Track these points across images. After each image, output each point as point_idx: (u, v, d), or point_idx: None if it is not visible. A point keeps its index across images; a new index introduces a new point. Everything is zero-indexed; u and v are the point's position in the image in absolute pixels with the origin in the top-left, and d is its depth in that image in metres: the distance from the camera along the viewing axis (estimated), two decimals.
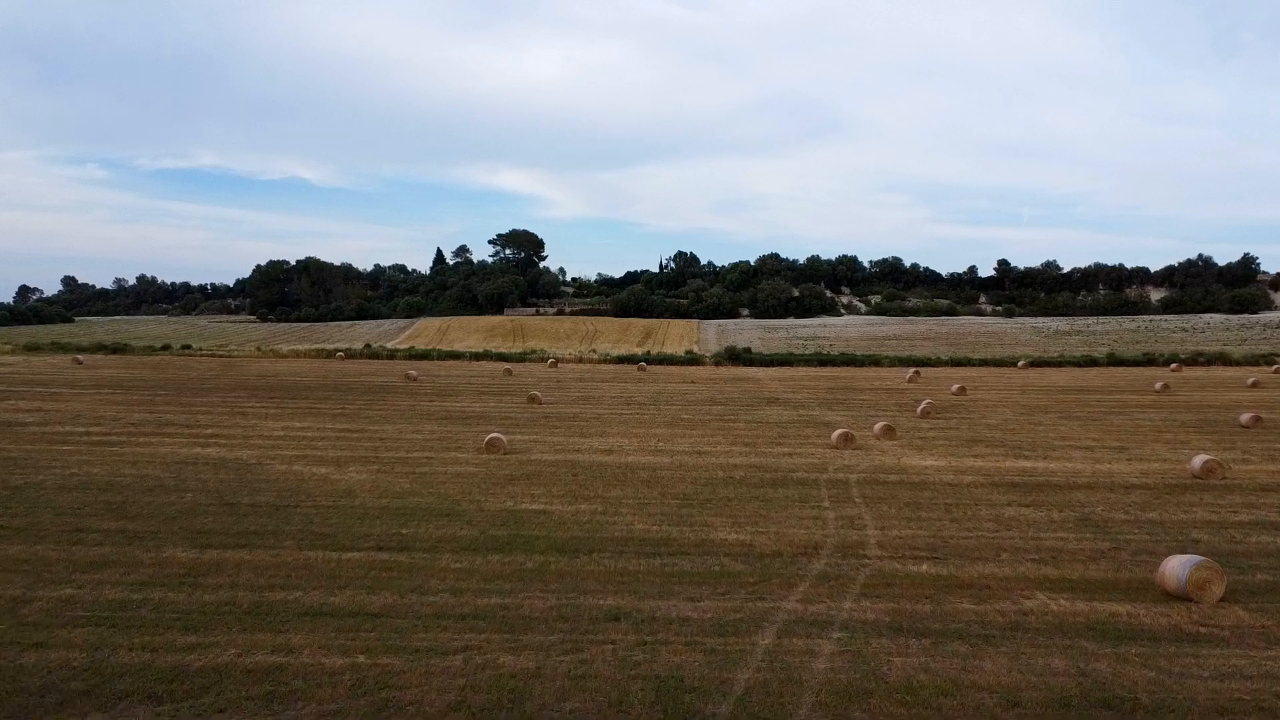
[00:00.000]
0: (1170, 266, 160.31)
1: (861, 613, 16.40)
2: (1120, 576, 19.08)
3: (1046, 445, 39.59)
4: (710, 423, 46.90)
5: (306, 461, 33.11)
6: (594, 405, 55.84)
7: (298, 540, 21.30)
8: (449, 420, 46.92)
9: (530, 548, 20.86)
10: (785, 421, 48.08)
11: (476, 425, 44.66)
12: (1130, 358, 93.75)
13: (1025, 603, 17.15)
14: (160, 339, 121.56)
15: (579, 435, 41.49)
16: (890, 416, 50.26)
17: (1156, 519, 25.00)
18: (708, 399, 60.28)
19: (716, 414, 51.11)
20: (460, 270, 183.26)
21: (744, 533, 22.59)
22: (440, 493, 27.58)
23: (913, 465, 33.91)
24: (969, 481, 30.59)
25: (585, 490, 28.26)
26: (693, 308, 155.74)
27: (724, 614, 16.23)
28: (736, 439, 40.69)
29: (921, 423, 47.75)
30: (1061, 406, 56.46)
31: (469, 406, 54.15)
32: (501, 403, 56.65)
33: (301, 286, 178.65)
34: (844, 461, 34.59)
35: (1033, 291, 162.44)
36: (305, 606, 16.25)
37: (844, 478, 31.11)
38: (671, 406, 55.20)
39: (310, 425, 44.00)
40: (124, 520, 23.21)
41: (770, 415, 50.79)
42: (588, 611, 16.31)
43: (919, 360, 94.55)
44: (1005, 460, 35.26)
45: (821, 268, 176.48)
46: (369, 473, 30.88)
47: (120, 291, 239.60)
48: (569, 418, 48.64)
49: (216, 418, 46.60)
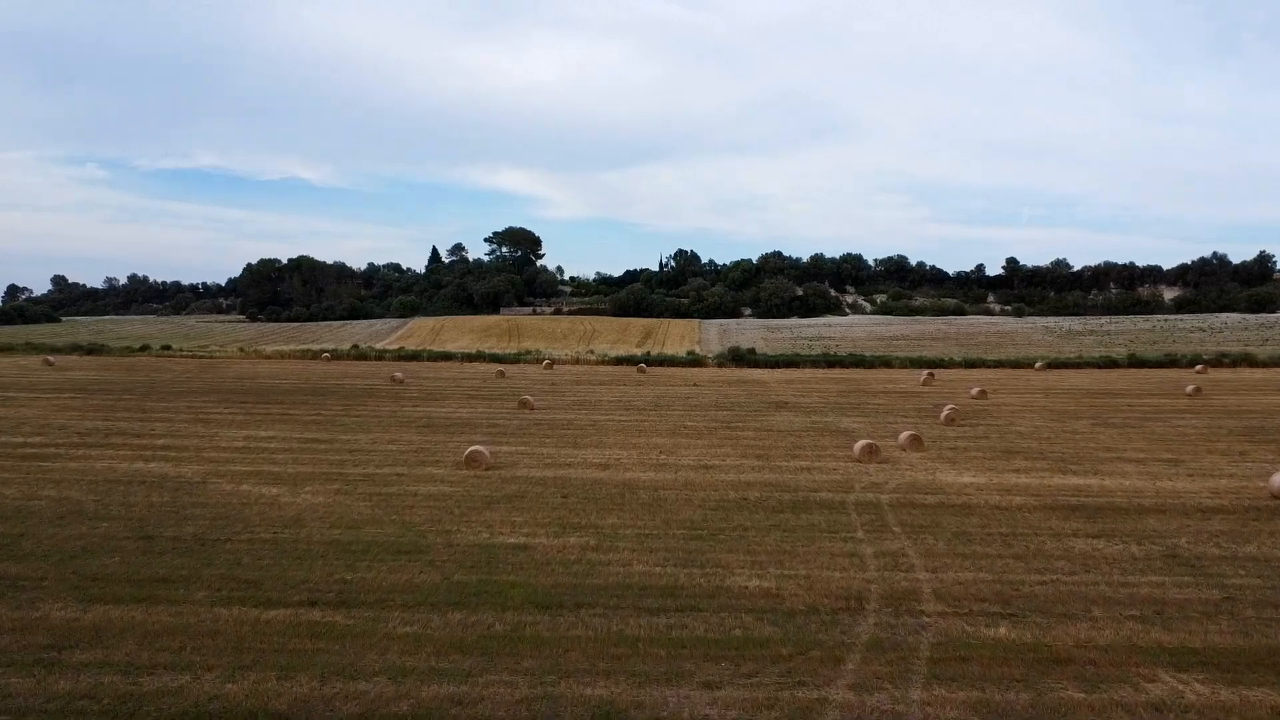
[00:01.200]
0: (1183, 265, 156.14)
1: (939, 708, 12.23)
2: (1255, 644, 14.93)
3: (1091, 457, 35.48)
4: (716, 431, 42.76)
5: (259, 480, 28.93)
6: (590, 410, 51.71)
7: (213, 590, 17.12)
8: (431, 428, 42.76)
9: (503, 601, 16.70)
10: (798, 429, 43.94)
11: (460, 434, 40.53)
12: (1151, 358, 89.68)
13: (1149, 687, 13.00)
14: (143, 339, 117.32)
15: (572, 446, 37.34)
16: (912, 424, 46.14)
17: (1256, 554, 20.86)
18: (712, 403, 56.16)
19: (722, 420, 46.97)
20: (455, 269, 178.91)
21: (768, 577, 18.41)
22: (404, 521, 23.39)
23: (950, 483, 29.77)
24: (1019, 504, 26.46)
25: (575, 517, 24.10)
26: (693, 307, 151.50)
27: (753, 711, 12.07)
28: (747, 450, 36.54)
29: (947, 431, 43.62)
30: (1092, 411, 52.36)
31: (455, 412, 49.99)
32: (490, 408, 52.49)
33: (293, 286, 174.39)
34: (871, 478, 30.46)
35: (1042, 290, 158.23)
36: (185, 705, 12.03)
37: (874, 499, 26.98)
38: (673, 412, 51.06)
39: (276, 434, 39.83)
40: (9, 561, 19.03)
41: (781, 422, 46.65)
42: (569, 707, 12.14)
43: (931, 361, 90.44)
44: (1052, 477, 31.13)
45: (825, 266, 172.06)
46: (327, 494, 26.71)
47: (110, 291, 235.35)
48: (562, 425, 44.50)
49: (175, 426, 42.44)
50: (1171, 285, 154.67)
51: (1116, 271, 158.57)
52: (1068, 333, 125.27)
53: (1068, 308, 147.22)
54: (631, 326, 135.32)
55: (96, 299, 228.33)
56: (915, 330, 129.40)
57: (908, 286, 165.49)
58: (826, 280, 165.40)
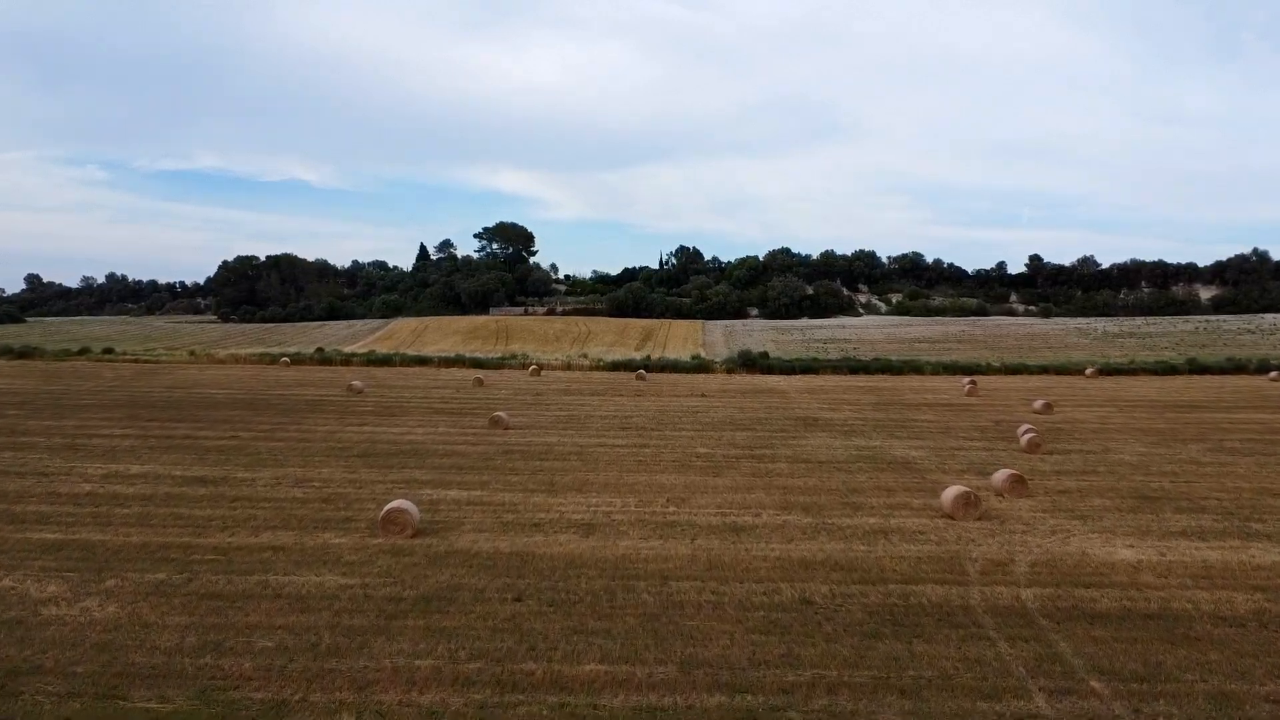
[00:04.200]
0: (1220, 262, 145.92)
1: None
2: None
3: (1263, 506, 25.59)
4: (739, 462, 32.74)
5: (45, 564, 18.84)
6: (577, 430, 41.69)
7: None
8: (367, 459, 32.71)
9: None
10: (843, 458, 33.93)
11: (401, 469, 30.51)
12: (1212, 364, 79.72)
13: None
14: (94, 341, 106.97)
15: (546, 489, 27.28)
16: (985, 449, 36.20)
17: None
18: (726, 420, 46.14)
19: (743, 446, 36.97)
20: (443, 267, 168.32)
21: None
22: (217, 680, 13.28)
23: (1107, 560, 19.79)
24: (1245, 608, 16.49)
25: (529, 654, 14.04)
26: (696, 307, 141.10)
27: None
28: (787, 496, 26.51)
29: (1036, 463, 33.64)
30: (1192, 431, 42.51)
31: (408, 434, 39.90)
32: (455, 427, 42.44)
33: (270, 284, 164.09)
34: (985, 550, 20.47)
35: (1068, 290, 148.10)
36: None
37: (1012, 598, 17.01)
38: (681, 433, 41.04)
39: (151, 471, 29.71)
40: None
41: (817, 447, 36.65)
42: None
43: (966, 367, 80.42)
44: (1247, 547, 21.17)
45: (836, 264, 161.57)
46: (131, 599, 16.59)
47: (85, 290, 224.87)
48: (539, 453, 34.48)
49: (32, 455, 32.35)
50: (1208, 284, 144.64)
51: (1148, 270, 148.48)
52: (1104, 334, 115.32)
53: (1096, 308, 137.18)
54: (630, 328, 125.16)
55: (70, 298, 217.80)
56: (938, 331, 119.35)
57: (924, 285, 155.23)
58: (838, 279, 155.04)
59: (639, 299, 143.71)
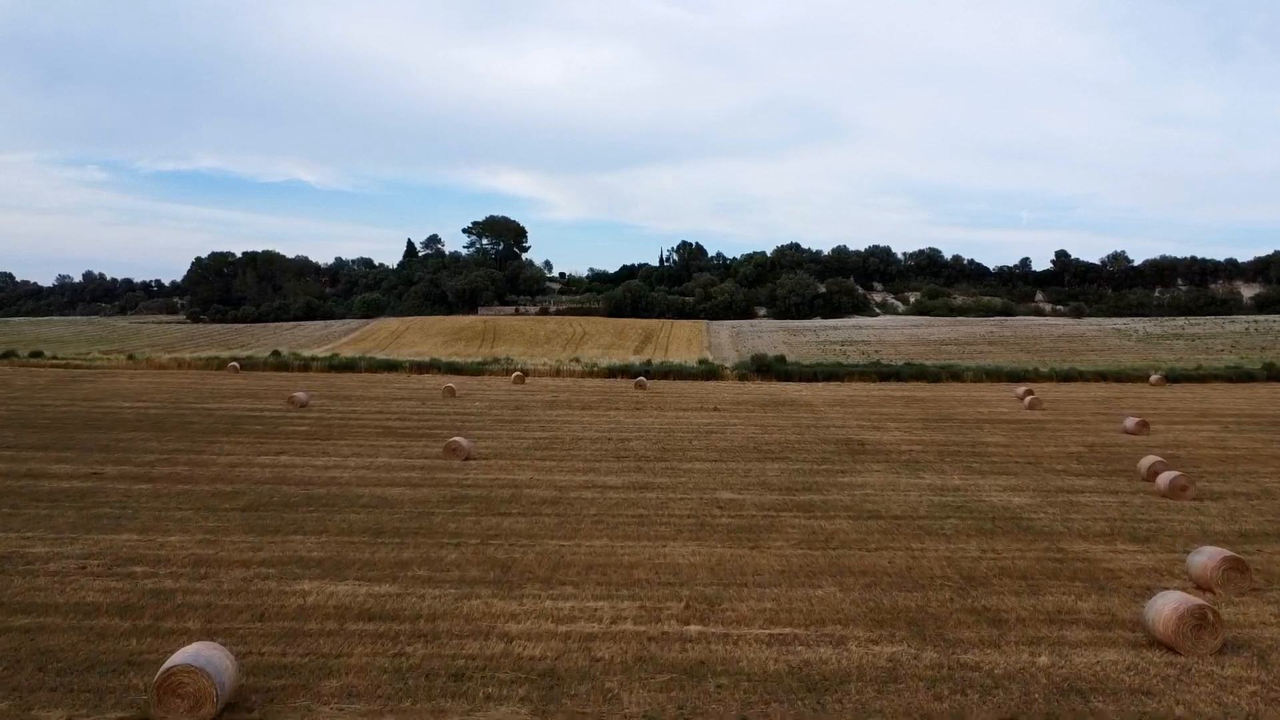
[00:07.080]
0: (1261, 258, 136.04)
1: None
2: None
3: None
4: (782, 519, 22.94)
5: None
6: (560, 460, 31.88)
7: None
8: (254, 512, 22.90)
9: None
10: (925, 512, 24.09)
11: (286, 536, 20.71)
12: None
13: None
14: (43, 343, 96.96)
15: (495, 579, 17.44)
16: (1114, 495, 26.23)
17: None
18: (750, 444, 36.36)
19: (780, 487, 27.16)
20: (429, 264, 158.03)
21: None
22: None
23: None
24: None
25: None
26: (700, 306, 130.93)
27: None
28: (873, 596, 16.70)
29: (1204, 518, 23.87)
30: None
31: (330, 469, 30.03)
32: (400, 456, 32.64)
33: (245, 282, 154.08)
34: None
35: (1098, 288, 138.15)
36: None
37: None
38: (693, 464, 31.24)
39: None
40: None
41: (882, 490, 26.82)
42: None
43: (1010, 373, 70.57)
44: None
45: (849, 260, 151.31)
46: None
47: (57, 289, 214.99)
48: (501, 501, 24.66)
49: None
50: (1249, 282, 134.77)
51: (1183, 266, 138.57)
52: (1146, 336, 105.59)
53: (1130, 307, 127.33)
54: (628, 329, 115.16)
55: (41, 298, 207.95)
56: (963, 333, 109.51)
57: (943, 283, 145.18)
58: (852, 276, 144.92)
59: (638, 298, 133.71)
